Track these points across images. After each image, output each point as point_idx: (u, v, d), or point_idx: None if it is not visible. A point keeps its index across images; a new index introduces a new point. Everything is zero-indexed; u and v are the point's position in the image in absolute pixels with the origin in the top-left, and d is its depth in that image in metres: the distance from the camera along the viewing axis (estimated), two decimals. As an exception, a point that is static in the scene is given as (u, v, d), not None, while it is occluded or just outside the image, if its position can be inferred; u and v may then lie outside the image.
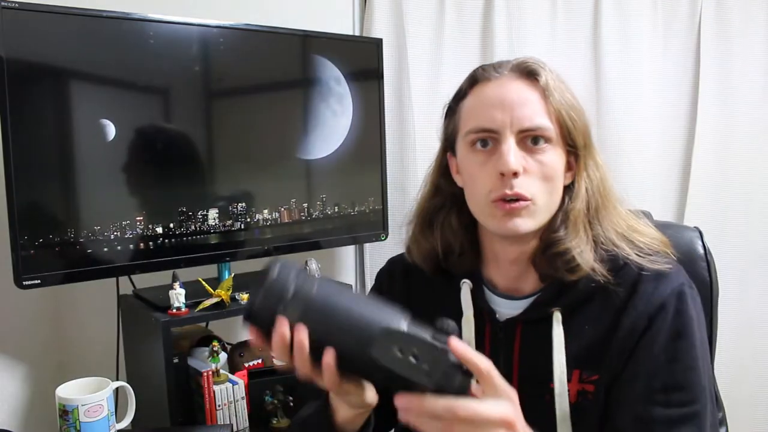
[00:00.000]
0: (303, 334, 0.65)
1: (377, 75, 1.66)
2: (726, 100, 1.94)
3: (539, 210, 0.83)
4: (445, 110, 0.93)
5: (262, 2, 1.69)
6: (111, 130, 1.27)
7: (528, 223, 0.83)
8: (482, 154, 0.84)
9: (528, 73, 0.86)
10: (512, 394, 0.66)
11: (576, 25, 1.90)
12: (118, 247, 1.28)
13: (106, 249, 1.26)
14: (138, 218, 1.30)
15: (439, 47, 1.85)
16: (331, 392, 0.74)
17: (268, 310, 0.67)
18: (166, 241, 1.33)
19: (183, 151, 1.37)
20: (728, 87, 1.94)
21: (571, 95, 0.87)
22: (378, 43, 1.67)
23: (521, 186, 0.81)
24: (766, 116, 1.96)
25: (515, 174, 0.81)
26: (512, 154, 0.81)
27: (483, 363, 0.64)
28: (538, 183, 0.83)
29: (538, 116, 0.83)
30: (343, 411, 0.78)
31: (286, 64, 1.52)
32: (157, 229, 1.32)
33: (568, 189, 0.88)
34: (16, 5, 1.14)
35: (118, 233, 1.27)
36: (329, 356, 0.65)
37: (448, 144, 0.92)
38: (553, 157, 0.84)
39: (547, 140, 0.83)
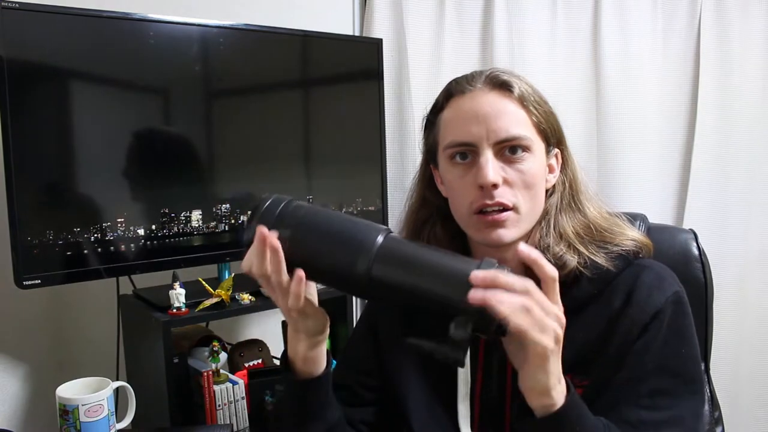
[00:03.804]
0: (276, 243, 0.71)
1: (377, 75, 1.66)
2: (726, 100, 1.94)
3: (522, 218, 0.85)
4: (423, 123, 0.94)
5: (262, 2, 1.69)
6: (168, 85, 1.30)
7: (512, 232, 0.84)
8: (462, 167, 0.86)
9: (500, 84, 0.86)
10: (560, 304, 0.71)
11: (576, 25, 1.90)
12: (118, 247, 1.28)
13: (105, 249, 1.26)
14: (137, 218, 1.30)
15: (439, 47, 1.85)
16: (293, 316, 0.79)
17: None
18: (166, 240, 1.33)
19: (184, 152, 1.37)
20: (728, 87, 1.94)
21: (543, 99, 0.88)
22: (378, 43, 1.66)
23: (502, 195, 0.83)
24: (766, 116, 1.97)
25: (495, 186, 0.82)
26: (490, 166, 0.82)
27: (553, 271, 0.69)
28: (520, 192, 0.84)
29: (513, 126, 0.84)
30: (302, 346, 0.82)
31: (286, 64, 1.52)
32: (151, 228, 1.32)
33: (551, 190, 0.90)
34: (16, 5, 1.14)
35: (118, 233, 1.27)
36: (301, 271, 0.73)
37: (430, 156, 0.93)
38: (533, 164, 0.85)
39: (525, 149, 0.84)
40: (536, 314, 0.67)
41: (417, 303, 0.72)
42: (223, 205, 1.40)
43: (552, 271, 0.69)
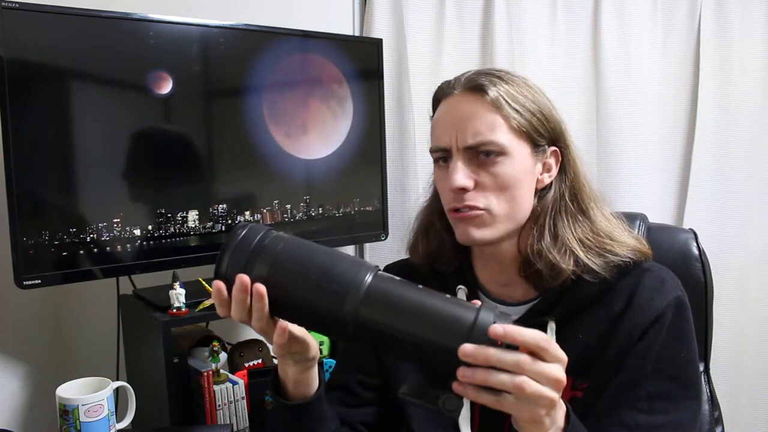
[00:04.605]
0: (262, 290, 0.67)
1: (377, 75, 1.66)
2: (726, 100, 1.94)
3: (495, 219, 0.85)
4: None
5: (262, 2, 1.69)
6: (169, 85, 1.30)
7: (485, 232, 0.85)
8: (443, 170, 0.88)
9: (475, 87, 0.86)
10: (564, 357, 0.65)
11: (576, 25, 1.90)
12: (118, 247, 1.28)
13: (102, 249, 1.26)
14: (133, 218, 1.29)
15: (439, 47, 1.85)
16: (280, 351, 0.76)
17: (238, 270, 0.68)
18: (163, 241, 1.33)
19: (182, 152, 1.36)
20: (728, 87, 1.94)
21: (531, 99, 0.87)
22: (378, 43, 1.66)
23: (473, 199, 0.84)
24: (766, 116, 1.97)
25: (464, 189, 0.84)
26: (459, 172, 0.84)
27: (537, 339, 0.62)
28: (493, 194, 0.84)
29: (483, 132, 0.84)
30: (291, 371, 0.81)
31: (286, 64, 1.52)
32: (147, 229, 1.32)
33: (546, 189, 0.89)
34: (16, 5, 1.14)
35: (115, 233, 1.27)
36: (283, 322, 0.70)
37: None
38: (509, 167, 0.84)
39: (499, 153, 0.84)
40: (528, 391, 0.61)
41: (406, 354, 0.67)
42: (221, 206, 1.40)
43: (537, 339, 0.62)
